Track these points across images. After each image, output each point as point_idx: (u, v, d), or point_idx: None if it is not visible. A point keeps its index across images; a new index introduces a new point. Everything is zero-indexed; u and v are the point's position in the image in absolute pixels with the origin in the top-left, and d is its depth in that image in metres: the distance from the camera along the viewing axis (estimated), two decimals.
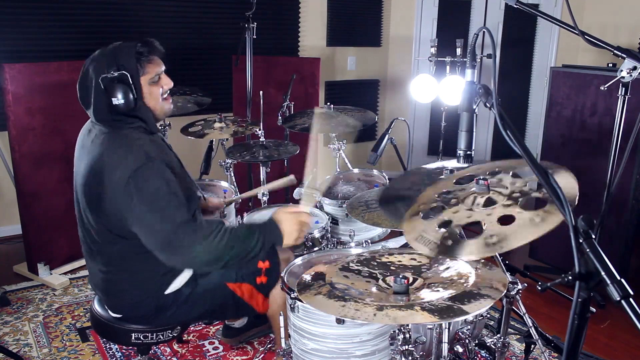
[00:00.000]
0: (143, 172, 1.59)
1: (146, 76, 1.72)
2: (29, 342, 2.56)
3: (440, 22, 4.89)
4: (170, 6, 4.02)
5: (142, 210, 1.58)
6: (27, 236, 3.12)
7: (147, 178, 1.59)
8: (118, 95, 1.65)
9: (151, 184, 1.59)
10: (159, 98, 1.76)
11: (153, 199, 1.59)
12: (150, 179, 1.59)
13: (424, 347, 1.78)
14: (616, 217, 2.94)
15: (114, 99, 1.65)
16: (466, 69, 1.46)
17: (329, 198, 2.55)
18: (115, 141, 1.67)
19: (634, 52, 1.79)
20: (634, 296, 0.83)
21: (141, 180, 1.58)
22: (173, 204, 1.60)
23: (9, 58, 3.36)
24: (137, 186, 1.58)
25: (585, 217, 0.90)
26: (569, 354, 0.94)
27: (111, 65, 1.67)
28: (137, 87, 1.69)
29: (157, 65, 1.75)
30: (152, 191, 1.59)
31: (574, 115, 3.07)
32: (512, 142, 1.11)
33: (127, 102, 1.66)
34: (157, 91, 1.76)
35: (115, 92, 1.65)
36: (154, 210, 1.59)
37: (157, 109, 1.78)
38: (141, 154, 1.61)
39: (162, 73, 1.77)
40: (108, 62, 1.68)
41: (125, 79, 1.66)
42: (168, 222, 1.58)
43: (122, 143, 1.66)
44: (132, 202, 1.58)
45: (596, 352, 2.53)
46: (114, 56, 1.70)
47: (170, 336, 1.89)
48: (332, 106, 2.95)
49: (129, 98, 1.66)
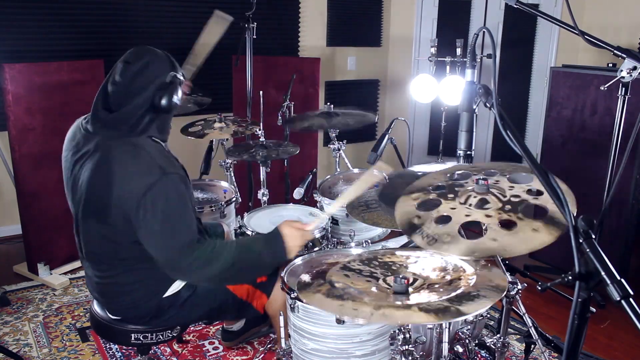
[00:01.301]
0: (159, 187, 1.58)
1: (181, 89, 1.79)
2: (29, 342, 2.56)
3: (440, 22, 4.89)
4: (170, 6, 4.02)
5: (154, 225, 1.60)
6: (27, 236, 3.12)
7: (162, 193, 1.59)
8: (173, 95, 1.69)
9: (166, 199, 1.60)
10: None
11: (166, 215, 1.60)
12: (165, 194, 1.60)
13: (424, 347, 1.77)
14: (616, 217, 2.94)
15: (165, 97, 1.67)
16: (466, 69, 1.47)
17: (329, 198, 2.55)
18: (125, 151, 1.64)
19: (634, 52, 1.79)
20: (634, 296, 0.83)
21: (157, 195, 1.58)
22: (184, 222, 1.64)
23: (9, 58, 3.35)
24: (153, 201, 1.58)
25: (585, 217, 0.90)
26: (569, 354, 0.94)
27: (176, 68, 1.74)
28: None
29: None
30: (166, 207, 1.60)
31: (574, 115, 3.07)
32: (512, 142, 1.11)
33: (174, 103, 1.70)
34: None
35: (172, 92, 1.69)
36: (165, 228, 1.61)
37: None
38: (156, 168, 1.61)
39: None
40: (172, 65, 1.73)
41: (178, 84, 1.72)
42: (176, 241, 1.62)
43: (134, 154, 1.64)
44: (145, 216, 1.58)
45: (596, 352, 2.53)
46: (173, 64, 1.75)
47: (170, 336, 1.89)
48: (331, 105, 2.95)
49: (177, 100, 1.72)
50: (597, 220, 0.92)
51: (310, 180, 2.72)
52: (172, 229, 1.61)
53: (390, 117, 3.41)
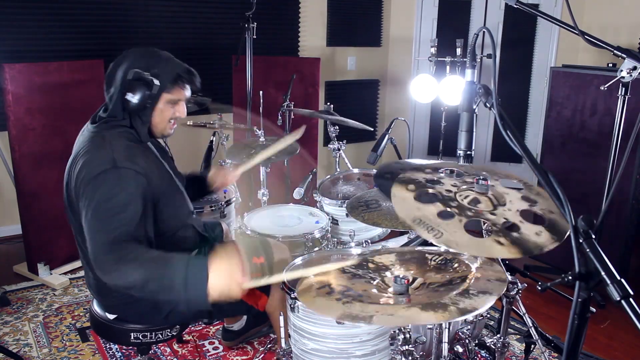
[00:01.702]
0: (104, 177, 1.57)
1: (170, 95, 1.74)
2: (29, 342, 2.56)
3: (440, 22, 4.89)
4: (171, 6, 4.02)
5: (88, 213, 1.56)
6: (27, 236, 3.12)
7: (104, 184, 1.57)
8: (137, 94, 1.67)
9: (106, 191, 1.57)
10: (165, 120, 1.79)
11: (101, 206, 1.56)
12: (107, 186, 1.57)
13: (424, 347, 1.77)
14: (616, 217, 2.94)
15: (129, 94, 1.67)
16: (466, 69, 1.47)
17: (329, 198, 2.55)
18: (93, 140, 1.68)
19: (634, 52, 1.79)
20: (634, 296, 0.83)
21: (99, 185, 1.57)
22: (118, 218, 1.55)
23: (9, 58, 3.36)
24: (93, 190, 1.56)
25: (585, 217, 0.90)
26: (569, 354, 0.94)
27: (150, 68, 1.69)
28: (157, 99, 1.72)
29: (184, 92, 1.79)
30: (103, 199, 1.56)
31: (574, 115, 3.07)
32: (512, 142, 1.11)
33: (139, 105, 1.68)
34: (168, 113, 1.78)
35: (136, 90, 1.67)
36: (96, 219, 1.55)
37: (158, 128, 1.80)
38: (108, 158, 1.60)
39: (182, 100, 1.80)
40: (148, 63, 1.70)
41: (151, 86, 1.68)
42: (103, 235, 1.54)
43: (97, 144, 1.66)
44: (84, 203, 1.57)
45: (596, 352, 2.53)
46: (156, 62, 1.72)
47: (169, 335, 1.89)
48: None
49: (143, 102, 1.68)
50: (597, 220, 0.93)
51: (310, 180, 2.72)
52: (102, 222, 1.55)
53: (390, 117, 3.42)
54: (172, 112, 1.78)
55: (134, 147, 1.71)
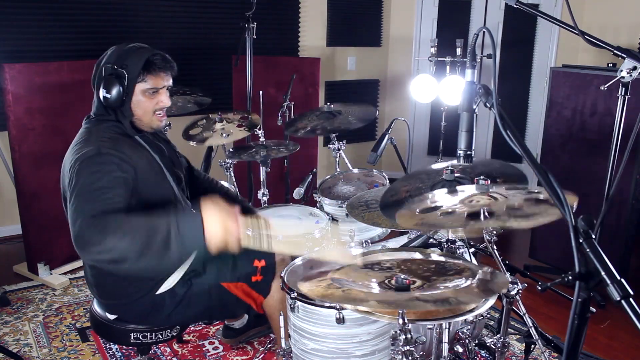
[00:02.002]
0: (87, 163, 1.59)
1: (142, 84, 1.72)
2: (29, 342, 2.56)
3: (440, 22, 4.89)
4: (171, 6, 4.02)
5: (72, 196, 1.55)
6: (27, 236, 3.12)
7: (87, 169, 1.58)
8: (108, 88, 1.68)
9: (88, 175, 1.57)
10: (149, 111, 1.75)
11: (84, 189, 1.55)
12: (90, 170, 1.58)
13: (424, 347, 1.77)
14: (616, 217, 2.94)
15: (103, 90, 1.68)
16: (466, 69, 1.46)
17: (329, 198, 2.55)
18: (82, 135, 1.71)
19: (634, 52, 1.79)
20: (634, 296, 0.83)
21: (82, 169, 1.58)
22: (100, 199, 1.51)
23: (9, 58, 3.36)
24: (78, 175, 1.57)
25: (585, 217, 0.90)
26: (569, 354, 0.94)
27: (119, 61, 1.69)
28: (130, 90, 1.70)
29: (160, 79, 1.74)
30: (87, 182, 1.56)
31: (574, 115, 3.06)
32: (512, 142, 1.11)
33: (112, 99, 1.68)
34: (149, 104, 1.74)
35: (107, 85, 1.68)
36: (80, 200, 1.53)
37: (144, 121, 1.77)
38: (94, 147, 1.62)
39: (162, 89, 1.76)
40: (118, 57, 1.71)
41: (122, 77, 1.67)
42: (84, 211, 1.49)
43: (85, 138, 1.69)
44: (70, 190, 1.57)
45: (596, 352, 2.53)
46: (126, 54, 1.71)
47: (169, 336, 1.89)
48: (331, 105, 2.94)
49: (116, 96, 1.68)
50: (597, 220, 0.93)
51: (310, 180, 2.72)
52: (85, 202, 1.52)
53: (390, 117, 3.41)
54: (153, 102, 1.74)
55: (121, 139, 1.71)
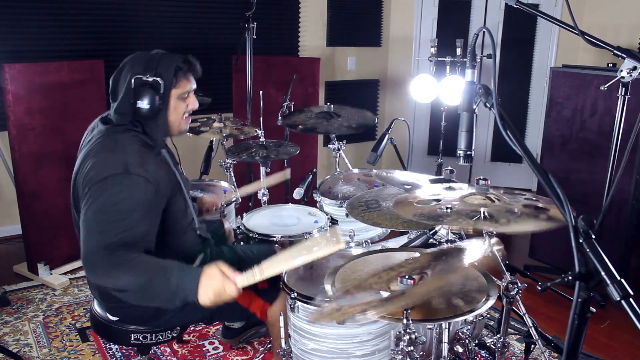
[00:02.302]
0: (114, 180, 1.56)
1: (178, 90, 1.73)
2: (29, 342, 2.56)
3: (440, 22, 4.89)
4: (171, 6, 4.02)
5: (88, 213, 1.55)
6: (27, 236, 3.12)
7: (112, 187, 1.55)
8: (146, 99, 1.65)
9: (113, 194, 1.55)
10: (181, 115, 1.78)
11: (104, 209, 1.54)
12: (114, 190, 1.55)
13: (424, 347, 1.77)
14: (616, 217, 2.94)
15: (139, 102, 1.65)
16: (466, 69, 1.46)
17: (329, 198, 2.55)
18: (104, 142, 1.67)
19: (634, 52, 1.79)
20: (634, 296, 0.83)
21: (106, 187, 1.55)
22: (120, 225, 1.53)
23: (9, 58, 3.36)
24: (101, 191, 1.55)
25: (585, 217, 0.90)
26: (569, 354, 0.94)
27: (149, 70, 1.68)
28: (167, 97, 1.71)
29: (190, 83, 1.77)
30: (108, 202, 1.54)
31: (574, 115, 3.06)
32: (512, 142, 1.11)
33: (152, 109, 1.66)
34: (181, 109, 1.77)
35: (144, 96, 1.65)
36: (95, 219, 1.53)
37: (175, 125, 1.78)
38: (121, 162, 1.58)
39: (191, 92, 1.79)
40: (147, 66, 1.69)
41: (157, 87, 1.67)
42: (100, 238, 1.52)
43: (109, 146, 1.65)
44: (87, 202, 1.56)
45: (596, 352, 2.53)
46: (155, 62, 1.70)
47: (169, 337, 1.89)
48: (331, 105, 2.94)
49: (155, 105, 1.66)
50: (597, 220, 0.93)
51: (310, 180, 2.72)
52: (102, 225, 1.53)
53: (390, 117, 3.42)
54: (184, 106, 1.77)
55: (147, 153, 1.68)
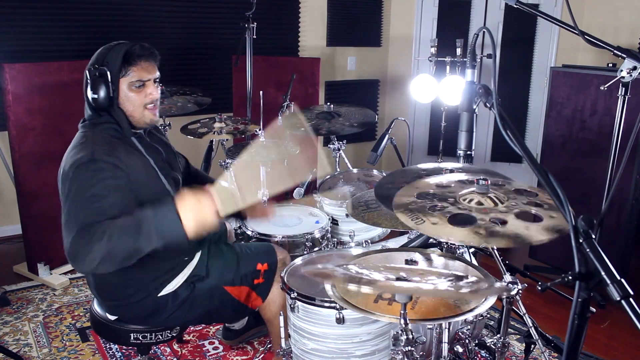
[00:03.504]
0: (81, 169, 1.57)
1: (126, 78, 1.69)
2: (29, 342, 2.56)
3: (440, 22, 4.89)
4: (171, 6, 4.02)
5: (65, 206, 1.55)
6: (27, 236, 3.12)
7: (80, 176, 1.56)
8: (95, 89, 1.66)
9: (82, 182, 1.55)
10: (139, 105, 1.72)
11: (77, 197, 1.54)
12: (83, 177, 1.56)
13: (424, 347, 1.77)
14: (616, 217, 2.94)
15: (90, 92, 1.67)
16: (466, 69, 1.47)
17: (329, 198, 2.55)
18: (76, 139, 1.69)
19: (634, 52, 1.79)
20: (634, 296, 0.83)
21: (75, 176, 1.56)
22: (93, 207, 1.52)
23: (9, 58, 3.36)
24: (71, 182, 1.56)
25: (585, 217, 0.90)
26: (569, 354, 0.94)
27: (99, 60, 1.68)
28: (115, 87, 1.68)
29: (145, 71, 1.71)
30: (80, 189, 1.54)
31: (574, 115, 3.06)
32: (512, 142, 1.11)
33: (101, 99, 1.66)
34: (137, 98, 1.71)
35: (93, 86, 1.66)
36: (72, 208, 1.53)
37: (135, 116, 1.73)
38: (87, 153, 1.59)
39: (149, 81, 1.72)
40: (98, 57, 1.69)
41: (104, 75, 1.66)
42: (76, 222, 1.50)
43: (79, 142, 1.66)
44: (64, 197, 1.57)
45: (596, 352, 2.53)
46: (105, 51, 1.70)
47: (169, 336, 1.89)
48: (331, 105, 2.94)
49: (103, 95, 1.66)
50: (597, 220, 0.93)
51: (310, 180, 2.72)
52: (76, 211, 1.52)
53: (390, 117, 3.42)
54: (142, 96, 1.71)
55: (116, 142, 1.68)
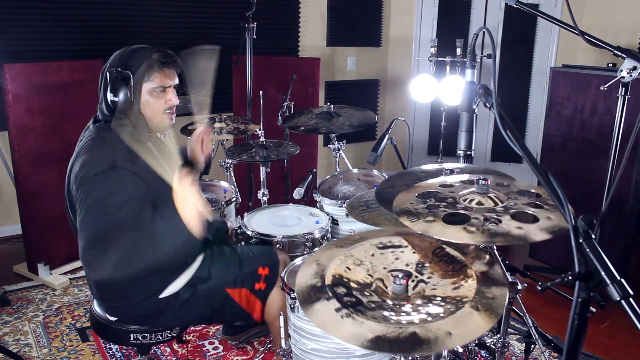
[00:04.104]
0: (102, 176, 1.57)
1: (149, 84, 1.71)
2: (29, 342, 2.56)
3: (440, 22, 4.89)
4: (171, 6, 4.02)
5: (82, 212, 1.56)
6: (27, 236, 3.12)
7: (102, 183, 1.57)
8: (117, 92, 1.66)
9: (103, 190, 1.56)
10: (159, 111, 1.74)
11: (96, 205, 1.55)
12: (105, 185, 1.57)
13: None
14: (616, 217, 2.94)
15: (110, 94, 1.67)
16: (466, 69, 1.47)
17: (329, 198, 2.55)
18: (93, 140, 1.68)
19: (634, 52, 1.79)
20: (634, 296, 0.83)
21: (97, 184, 1.56)
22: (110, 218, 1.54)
23: (9, 58, 3.35)
24: (91, 188, 1.56)
25: (585, 217, 0.90)
26: (569, 354, 0.94)
27: (122, 63, 1.69)
28: (137, 91, 1.69)
29: (167, 77, 1.74)
30: (100, 198, 1.56)
31: (574, 115, 3.07)
32: (512, 142, 1.11)
33: (121, 102, 1.67)
34: (158, 104, 1.73)
35: (116, 89, 1.66)
36: (90, 216, 1.55)
37: (154, 121, 1.75)
38: (109, 158, 1.59)
39: (170, 87, 1.75)
40: (121, 60, 1.70)
41: (127, 79, 1.67)
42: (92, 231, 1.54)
43: (98, 143, 1.66)
44: (81, 203, 1.57)
45: (596, 352, 2.53)
46: (129, 55, 1.71)
47: (169, 337, 1.89)
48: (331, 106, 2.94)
49: (124, 98, 1.66)
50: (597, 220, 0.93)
51: (310, 180, 2.72)
52: (93, 219, 1.55)
53: (390, 117, 3.42)
54: (161, 102, 1.74)
55: (135, 147, 1.68)
